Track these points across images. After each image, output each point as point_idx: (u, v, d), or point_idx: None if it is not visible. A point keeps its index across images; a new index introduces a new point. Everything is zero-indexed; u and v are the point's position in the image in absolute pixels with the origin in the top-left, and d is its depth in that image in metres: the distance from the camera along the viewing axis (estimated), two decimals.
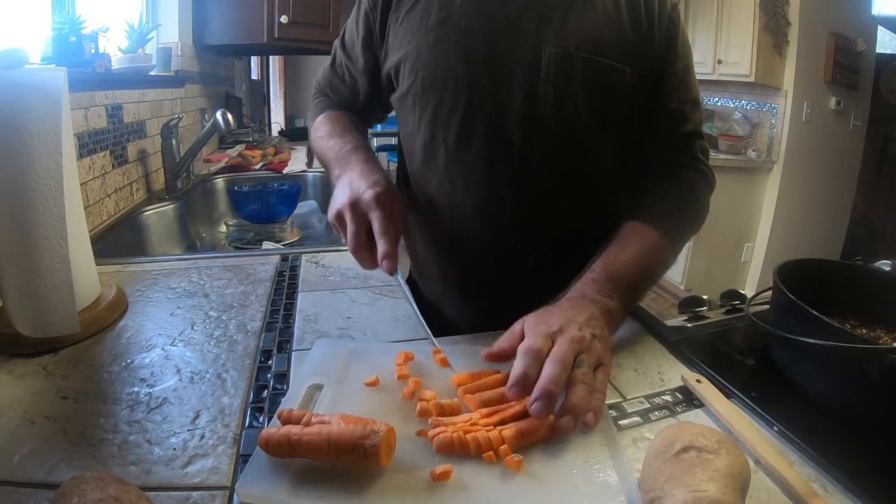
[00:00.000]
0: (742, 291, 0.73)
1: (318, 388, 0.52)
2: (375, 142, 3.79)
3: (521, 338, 0.52)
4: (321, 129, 0.77)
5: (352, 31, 0.78)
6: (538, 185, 0.70)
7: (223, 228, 1.60)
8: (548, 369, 0.47)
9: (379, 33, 0.74)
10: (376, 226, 0.56)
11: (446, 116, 0.69)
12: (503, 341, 0.53)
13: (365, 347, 0.61)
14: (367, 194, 0.58)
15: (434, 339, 0.58)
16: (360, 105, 0.82)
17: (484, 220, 0.72)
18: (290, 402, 0.50)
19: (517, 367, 0.48)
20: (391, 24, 0.72)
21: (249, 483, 0.40)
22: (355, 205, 0.58)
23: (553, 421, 0.46)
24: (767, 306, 0.66)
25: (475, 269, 0.77)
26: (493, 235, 0.73)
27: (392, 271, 0.57)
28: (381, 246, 0.56)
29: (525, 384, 0.47)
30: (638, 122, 0.72)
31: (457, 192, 0.72)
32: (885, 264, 0.78)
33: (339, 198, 0.60)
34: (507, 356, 0.52)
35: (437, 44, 0.68)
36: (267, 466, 0.42)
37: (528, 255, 0.73)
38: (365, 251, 0.57)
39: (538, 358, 0.48)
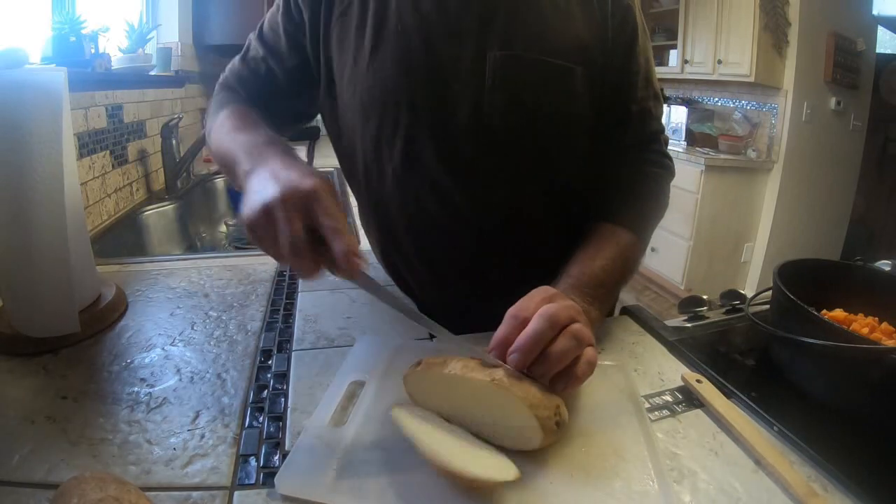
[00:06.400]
0: (742, 291, 0.73)
1: (360, 384, 0.52)
2: None
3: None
4: (226, 124, 0.64)
5: (274, 23, 0.70)
6: (496, 199, 0.66)
7: (223, 228, 1.60)
8: (532, 324, 0.44)
9: (310, 29, 0.67)
10: (327, 220, 0.44)
11: (390, 134, 0.64)
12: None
13: (409, 345, 0.61)
14: (307, 184, 0.45)
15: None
16: (274, 104, 0.72)
17: (442, 235, 0.68)
18: (332, 398, 0.50)
19: (499, 329, 0.46)
20: (322, 23, 0.66)
21: (291, 474, 0.40)
22: (290, 198, 0.44)
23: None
24: (767, 306, 0.66)
25: (438, 282, 0.73)
26: (456, 250, 0.69)
27: (357, 273, 0.45)
28: (339, 242, 0.43)
29: (503, 347, 0.45)
30: (599, 120, 0.68)
31: (409, 210, 0.68)
32: (885, 264, 0.78)
33: (263, 192, 0.45)
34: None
35: (374, 52, 0.62)
36: (310, 459, 0.42)
37: (493, 266, 0.70)
38: (308, 256, 0.44)
39: (524, 322, 0.45)
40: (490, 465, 0.40)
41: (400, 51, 0.62)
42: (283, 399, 0.52)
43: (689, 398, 0.53)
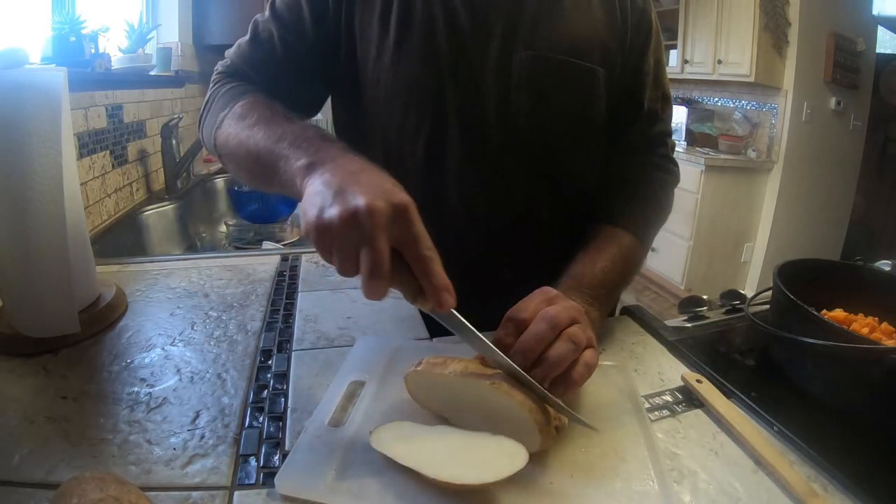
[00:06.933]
0: (742, 291, 0.73)
1: (361, 384, 0.52)
2: None
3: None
4: (251, 114, 0.56)
5: (291, 2, 0.66)
6: (510, 198, 0.67)
7: (223, 228, 1.60)
8: (533, 326, 0.44)
9: (334, 8, 0.64)
10: (422, 248, 0.39)
11: (414, 129, 0.63)
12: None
13: (409, 345, 0.61)
14: (401, 197, 0.39)
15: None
16: (291, 87, 0.66)
17: (452, 233, 0.67)
18: (332, 398, 0.50)
19: (498, 331, 0.46)
20: (345, 7, 0.63)
21: (291, 475, 0.40)
22: (382, 209, 0.37)
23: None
24: (767, 306, 0.66)
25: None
26: (464, 249, 0.68)
27: (446, 311, 0.41)
28: (434, 277, 0.39)
29: (503, 349, 0.44)
30: (610, 121, 0.69)
31: (425, 207, 0.67)
32: (885, 264, 0.78)
33: (346, 195, 0.38)
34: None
35: (399, 44, 0.61)
36: (310, 459, 0.42)
37: (499, 266, 0.70)
38: (386, 278, 0.38)
39: (522, 323, 0.45)
40: (495, 460, 0.39)
41: (427, 44, 0.61)
42: (283, 399, 0.52)
43: (689, 398, 0.53)
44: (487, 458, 0.40)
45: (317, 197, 0.40)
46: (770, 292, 0.63)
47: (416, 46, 0.61)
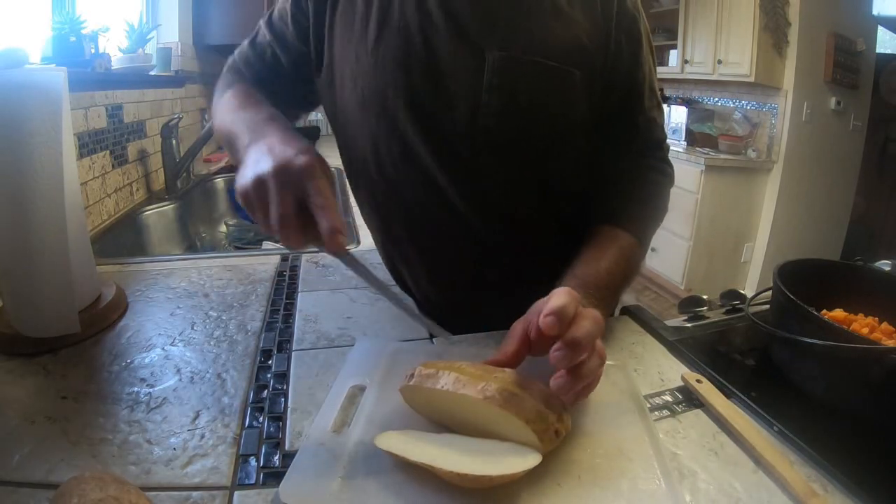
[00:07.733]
0: (742, 291, 0.73)
1: (361, 388, 0.52)
2: None
3: (526, 339, 0.47)
4: (231, 102, 0.66)
5: (283, 10, 0.71)
6: (492, 199, 0.67)
7: (223, 228, 1.60)
8: (585, 322, 0.43)
9: (314, 19, 0.67)
10: (317, 198, 0.46)
11: (389, 130, 0.65)
12: (508, 346, 0.48)
13: (407, 347, 0.61)
14: (300, 160, 0.46)
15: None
16: (279, 88, 0.72)
17: (439, 234, 0.69)
18: (333, 403, 0.49)
19: (550, 304, 0.43)
20: (328, 15, 0.66)
21: (295, 483, 0.40)
22: (283, 172, 0.46)
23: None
24: (767, 306, 0.66)
25: (435, 281, 0.74)
26: (453, 249, 0.70)
27: (341, 251, 0.47)
28: (326, 220, 0.45)
29: (562, 316, 0.42)
30: (604, 127, 0.68)
31: (407, 207, 0.68)
32: (885, 264, 0.78)
33: (259, 165, 0.47)
34: (515, 359, 0.47)
35: (376, 49, 0.62)
36: (314, 467, 0.41)
37: (490, 267, 0.70)
38: (295, 229, 0.46)
39: (567, 311, 0.42)
40: (508, 458, 0.39)
41: (401, 48, 0.62)
42: (283, 399, 0.52)
43: (689, 398, 0.53)
44: (500, 456, 0.40)
45: (242, 170, 0.49)
46: (770, 292, 0.63)
47: (391, 50, 0.62)
